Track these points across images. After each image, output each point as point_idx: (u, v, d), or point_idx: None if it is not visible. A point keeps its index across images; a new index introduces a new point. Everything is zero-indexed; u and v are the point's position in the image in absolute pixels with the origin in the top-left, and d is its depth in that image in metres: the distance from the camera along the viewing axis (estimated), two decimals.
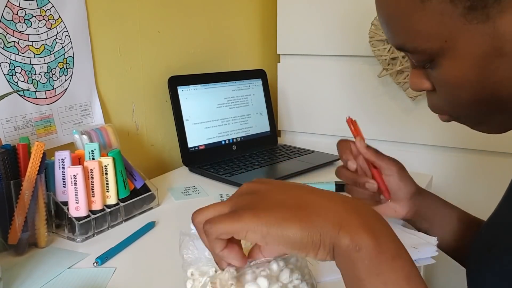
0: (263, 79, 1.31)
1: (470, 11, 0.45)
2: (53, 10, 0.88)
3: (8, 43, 0.81)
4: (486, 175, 1.20)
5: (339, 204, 0.41)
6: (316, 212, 0.40)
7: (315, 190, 0.43)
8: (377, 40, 1.17)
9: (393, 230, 0.42)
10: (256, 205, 0.41)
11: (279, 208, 0.40)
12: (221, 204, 0.43)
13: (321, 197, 0.42)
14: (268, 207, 0.40)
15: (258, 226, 0.39)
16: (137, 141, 1.11)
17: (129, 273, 0.67)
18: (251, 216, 0.40)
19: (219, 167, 1.10)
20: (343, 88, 1.32)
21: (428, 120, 1.23)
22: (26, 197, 0.70)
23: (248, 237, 0.40)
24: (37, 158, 0.70)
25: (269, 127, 1.31)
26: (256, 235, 0.39)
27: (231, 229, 0.40)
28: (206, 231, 0.41)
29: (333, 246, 0.39)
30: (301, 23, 1.34)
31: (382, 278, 0.38)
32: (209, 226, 0.41)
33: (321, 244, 0.39)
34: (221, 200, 0.93)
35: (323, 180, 1.02)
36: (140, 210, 0.87)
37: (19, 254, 0.71)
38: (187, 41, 1.22)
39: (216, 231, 0.40)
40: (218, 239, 0.41)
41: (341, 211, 0.40)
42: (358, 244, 0.38)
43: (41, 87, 0.87)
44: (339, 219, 0.40)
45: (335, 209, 0.41)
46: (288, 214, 0.40)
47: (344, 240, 0.39)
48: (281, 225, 0.39)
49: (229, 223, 0.40)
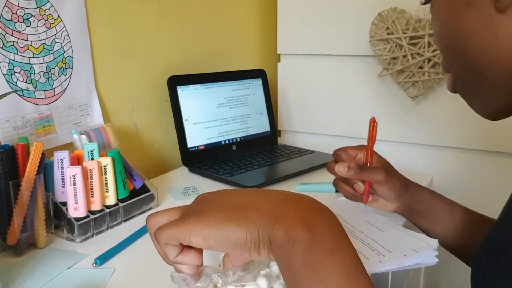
0: (263, 79, 1.30)
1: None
2: (52, 9, 0.87)
3: (7, 42, 0.81)
4: (486, 175, 1.20)
5: (279, 199, 0.41)
6: (253, 209, 0.40)
7: (261, 191, 0.44)
8: (377, 39, 1.17)
9: (339, 224, 0.41)
10: (201, 209, 0.42)
11: (219, 211, 0.41)
12: (173, 209, 0.45)
13: (264, 196, 0.42)
14: (210, 210, 0.41)
15: (200, 229, 0.40)
16: (136, 141, 1.11)
17: (128, 274, 0.67)
18: (194, 220, 0.41)
19: (219, 167, 1.10)
20: (343, 88, 1.32)
21: (428, 120, 1.23)
22: (25, 197, 0.70)
23: (191, 240, 0.41)
24: (36, 158, 0.70)
25: (269, 127, 1.30)
26: (198, 238, 0.40)
27: (175, 234, 0.41)
28: (156, 238, 0.43)
29: (270, 241, 0.39)
30: (301, 23, 1.34)
31: (317, 273, 0.37)
32: (158, 233, 0.42)
33: (260, 241, 0.39)
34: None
35: (323, 180, 1.01)
36: (140, 210, 0.87)
37: (18, 255, 0.71)
38: (187, 41, 1.21)
39: (163, 238, 0.42)
40: (169, 245, 0.43)
41: (279, 205, 0.41)
42: (292, 238, 0.38)
43: (40, 87, 0.87)
44: (277, 213, 0.40)
45: (273, 204, 0.41)
46: (227, 215, 0.40)
47: (278, 233, 0.38)
48: (220, 226, 0.40)
49: (175, 228, 0.41)
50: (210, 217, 0.41)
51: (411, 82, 1.18)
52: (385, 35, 1.15)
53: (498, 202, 0.64)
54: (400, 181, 0.76)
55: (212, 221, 0.40)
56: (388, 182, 0.74)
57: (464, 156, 1.22)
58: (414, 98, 1.20)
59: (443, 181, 1.22)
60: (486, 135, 1.17)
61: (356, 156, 0.78)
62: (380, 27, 1.16)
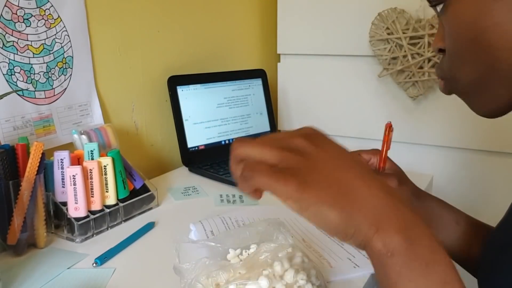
0: (263, 79, 1.30)
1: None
2: (52, 9, 0.87)
3: (7, 42, 0.81)
4: (487, 175, 1.20)
5: (383, 200, 0.40)
6: (359, 205, 0.39)
7: (365, 175, 0.42)
8: (377, 39, 1.17)
9: (431, 231, 0.41)
10: (304, 174, 0.40)
11: (325, 189, 0.39)
12: (268, 149, 0.41)
13: (368, 188, 0.41)
14: (315, 183, 0.39)
15: (300, 199, 0.39)
16: (136, 141, 1.11)
17: (128, 274, 0.66)
18: (296, 186, 0.39)
19: (219, 167, 1.10)
20: (343, 88, 1.32)
21: (428, 120, 1.23)
22: (25, 197, 0.70)
23: (288, 203, 0.39)
24: (36, 158, 0.70)
25: (269, 127, 1.30)
26: (295, 206, 0.39)
27: (272, 189, 0.39)
28: (244, 176, 0.40)
29: (365, 244, 0.39)
30: (301, 23, 1.34)
31: (414, 284, 0.38)
32: (250, 174, 0.40)
33: (353, 237, 0.39)
34: (221, 200, 0.93)
35: None
36: (140, 210, 0.87)
37: (18, 255, 0.71)
38: (187, 41, 1.21)
39: (256, 183, 0.40)
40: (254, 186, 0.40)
41: (382, 210, 0.40)
42: (391, 250, 0.38)
43: (40, 87, 0.87)
44: (377, 219, 0.39)
45: (376, 203, 0.40)
46: (331, 198, 0.39)
47: (377, 244, 0.38)
48: (321, 208, 0.39)
49: (273, 182, 0.39)
50: (313, 191, 0.39)
51: (411, 82, 1.18)
52: (385, 35, 1.15)
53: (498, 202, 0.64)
54: (411, 189, 0.75)
55: (313, 198, 0.39)
56: (399, 190, 0.73)
57: (464, 156, 1.22)
58: (414, 98, 1.20)
59: (443, 181, 1.22)
60: (486, 135, 1.17)
61: (370, 161, 0.76)
62: (380, 27, 1.16)
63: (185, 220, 0.81)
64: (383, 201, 0.40)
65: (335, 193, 0.39)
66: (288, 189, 0.39)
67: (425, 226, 0.41)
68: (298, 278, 0.46)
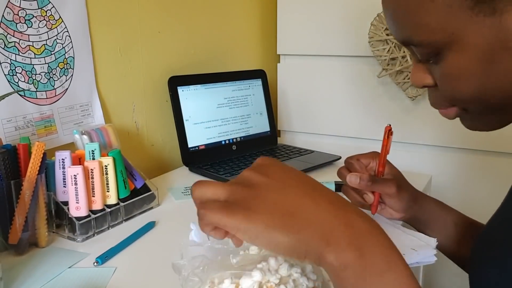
0: (263, 79, 1.31)
1: (478, 4, 0.45)
2: (54, 10, 0.88)
3: (9, 43, 0.81)
4: (486, 175, 1.21)
5: (330, 212, 0.41)
6: (306, 223, 0.40)
7: (312, 192, 0.43)
8: (377, 40, 1.18)
9: (388, 239, 0.41)
10: (250, 204, 0.41)
11: (270, 214, 0.40)
12: (220, 187, 0.43)
13: (315, 204, 0.42)
14: (261, 210, 0.40)
15: (248, 228, 0.40)
16: (137, 141, 1.11)
17: (129, 273, 0.67)
18: (243, 217, 0.40)
19: (219, 167, 1.10)
20: (343, 88, 1.33)
21: (428, 120, 1.23)
22: (27, 197, 0.70)
23: (238, 235, 0.41)
24: (38, 158, 0.71)
25: (269, 127, 1.31)
26: (245, 236, 0.40)
27: (222, 223, 0.41)
28: (200, 215, 0.42)
29: (320, 259, 0.40)
30: (301, 23, 1.34)
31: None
32: (203, 212, 0.42)
33: (307, 254, 0.40)
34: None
35: (323, 180, 1.02)
36: (140, 210, 0.87)
37: (19, 254, 0.71)
38: (187, 41, 1.22)
39: (208, 220, 0.41)
40: (209, 224, 0.42)
41: (331, 223, 0.40)
42: (343, 263, 0.39)
43: (42, 87, 0.88)
44: (327, 233, 0.40)
45: (324, 218, 0.40)
46: (278, 222, 0.40)
47: (329, 258, 0.39)
48: (270, 232, 0.39)
49: (222, 216, 0.41)
50: (259, 219, 0.40)
51: (410, 83, 1.18)
52: (384, 35, 1.16)
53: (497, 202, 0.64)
54: (410, 193, 0.75)
55: (261, 224, 0.40)
56: (398, 195, 0.73)
57: (463, 156, 1.22)
58: (413, 98, 1.21)
59: (442, 181, 1.23)
60: (485, 135, 1.17)
61: (369, 165, 0.76)
62: (379, 27, 1.16)
63: (186, 219, 0.81)
64: (332, 215, 0.41)
65: (281, 216, 0.40)
66: (235, 221, 0.40)
67: (379, 235, 0.41)
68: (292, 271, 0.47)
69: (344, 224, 0.40)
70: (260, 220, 0.40)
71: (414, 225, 0.78)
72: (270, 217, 0.40)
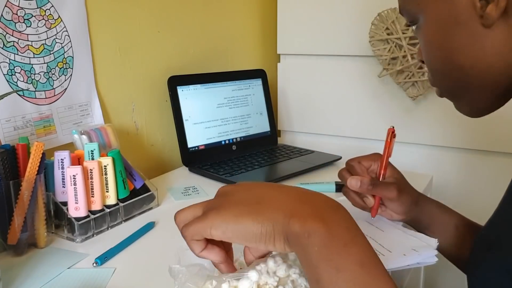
0: (263, 79, 1.31)
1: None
2: (53, 10, 0.87)
3: (8, 43, 0.81)
4: (486, 175, 1.20)
5: (293, 195, 0.44)
6: (269, 204, 0.43)
7: (276, 187, 0.46)
8: (377, 40, 1.17)
9: (352, 220, 0.43)
10: (220, 204, 0.44)
11: (237, 205, 0.43)
12: (197, 205, 0.46)
13: (279, 192, 0.44)
14: (229, 205, 0.44)
15: (219, 222, 0.42)
16: (136, 141, 1.11)
17: (128, 274, 0.67)
18: (213, 214, 0.43)
19: (219, 167, 1.10)
20: (343, 88, 1.32)
21: (428, 120, 1.23)
22: (26, 197, 0.70)
23: (212, 233, 0.43)
24: (37, 158, 0.70)
25: (269, 127, 1.31)
26: (218, 231, 0.43)
27: (198, 229, 0.43)
28: (182, 235, 0.45)
29: (287, 235, 0.41)
30: (301, 23, 1.34)
31: (334, 263, 0.39)
32: (184, 229, 0.45)
33: (275, 234, 0.41)
34: None
35: (323, 180, 1.02)
36: (140, 210, 0.87)
37: (18, 254, 0.71)
38: (187, 41, 1.21)
39: (188, 234, 0.44)
40: (195, 241, 0.45)
41: (294, 201, 0.43)
42: (308, 231, 0.40)
43: (41, 87, 0.87)
44: (291, 209, 0.42)
45: (288, 200, 0.43)
46: (244, 209, 0.43)
47: (294, 227, 0.40)
48: (237, 220, 0.42)
49: (197, 223, 0.44)
50: (228, 212, 0.43)
51: (411, 82, 1.18)
52: (384, 35, 1.15)
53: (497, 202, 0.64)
54: (411, 196, 0.75)
55: (230, 215, 0.42)
56: (399, 199, 0.73)
57: (464, 156, 1.22)
58: (414, 98, 1.21)
59: (443, 181, 1.22)
60: (486, 135, 1.17)
61: (370, 167, 0.76)
62: (380, 27, 1.16)
63: None
64: (293, 197, 0.43)
65: (248, 205, 0.43)
66: (207, 220, 0.43)
67: (343, 210, 0.43)
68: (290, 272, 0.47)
69: (307, 202, 0.43)
70: (229, 212, 0.43)
71: (415, 226, 0.78)
72: (236, 208, 0.43)
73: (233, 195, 0.45)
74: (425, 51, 0.57)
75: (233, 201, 0.44)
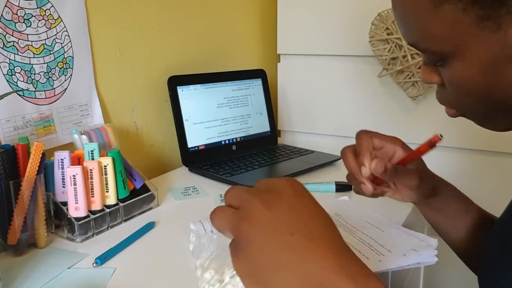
0: (263, 79, 1.30)
1: (482, 20, 0.45)
2: (53, 10, 0.87)
3: (8, 43, 0.81)
4: (486, 175, 1.20)
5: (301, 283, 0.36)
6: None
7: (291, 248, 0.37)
8: (377, 40, 1.17)
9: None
10: (238, 250, 0.38)
11: (244, 277, 0.37)
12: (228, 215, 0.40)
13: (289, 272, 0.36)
14: (242, 263, 0.37)
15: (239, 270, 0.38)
16: (136, 141, 1.11)
17: (128, 274, 0.67)
18: (233, 258, 0.38)
19: (219, 167, 1.10)
20: (343, 88, 1.32)
21: (428, 120, 1.23)
22: (26, 197, 0.70)
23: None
24: (37, 158, 0.70)
25: (269, 127, 1.30)
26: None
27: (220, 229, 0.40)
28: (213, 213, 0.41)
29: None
30: (301, 23, 1.34)
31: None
32: (213, 213, 0.41)
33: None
34: (221, 200, 0.93)
35: (323, 180, 1.02)
36: (140, 210, 0.87)
37: (18, 255, 0.71)
38: (187, 41, 1.21)
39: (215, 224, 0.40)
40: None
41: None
42: None
43: (41, 87, 0.87)
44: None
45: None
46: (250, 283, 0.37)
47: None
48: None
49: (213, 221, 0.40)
50: (241, 271, 0.38)
51: (411, 82, 1.18)
52: (384, 35, 1.15)
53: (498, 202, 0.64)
54: (430, 183, 0.71)
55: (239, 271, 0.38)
56: (419, 187, 0.70)
57: (464, 156, 1.22)
58: (414, 98, 1.21)
59: None
60: (486, 135, 1.17)
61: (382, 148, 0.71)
62: (380, 27, 1.16)
63: (185, 220, 0.81)
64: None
65: (252, 279, 0.37)
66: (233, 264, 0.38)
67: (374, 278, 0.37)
68: None
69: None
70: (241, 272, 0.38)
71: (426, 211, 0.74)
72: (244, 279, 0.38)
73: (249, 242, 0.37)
74: (457, 87, 0.52)
75: (246, 259, 0.37)
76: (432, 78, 0.56)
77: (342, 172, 1.15)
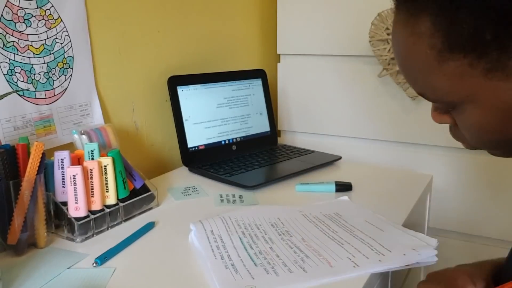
0: (263, 79, 1.31)
1: (491, 72, 0.45)
2: (53, 10, 0.87)
3: (8, 43, 0.81)
4: (487, 175, 1.20)
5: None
6: None
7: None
8: (377, 40, 1.17)
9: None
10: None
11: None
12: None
13: None
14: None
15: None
16: (136, 141, 1.11)
17: (128, 274, 0.67)
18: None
19: (219, 167, 1.10)
20: (343, 88, 1.32)
21: (428, 120, 1.22)
22: (26, 197, 0.70)
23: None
24: (37, 158, 0.70)
25: (269, 127, 1.31)
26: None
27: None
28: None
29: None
30: (301, 23, 1.34)
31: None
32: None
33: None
34: (221, 200, 0.94)
35: (323, 180, 1.02)
36: (140, 210, 0.87)
37: (18, 255, 0.71)
38: (187, 41, 1.21)
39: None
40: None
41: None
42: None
43: (41, 87, 0.87)
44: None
45: None
46: None
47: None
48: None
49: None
50: None
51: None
52: (384, 35, 1.15)
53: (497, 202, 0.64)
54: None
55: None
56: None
57: (463, 156, 1.22)
58: (414, 98, 1.21)
59: (443, 181, 1.22)
60: None
61: None
62: (380, 27, 1.16)
63: (185, 220, 0.81)
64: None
65: None
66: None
67: None
68: None
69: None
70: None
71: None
72: None
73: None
74: (472, 130, 0.52)
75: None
76: (444, 120, 0.56)
77: (342, 172, 1.15)
